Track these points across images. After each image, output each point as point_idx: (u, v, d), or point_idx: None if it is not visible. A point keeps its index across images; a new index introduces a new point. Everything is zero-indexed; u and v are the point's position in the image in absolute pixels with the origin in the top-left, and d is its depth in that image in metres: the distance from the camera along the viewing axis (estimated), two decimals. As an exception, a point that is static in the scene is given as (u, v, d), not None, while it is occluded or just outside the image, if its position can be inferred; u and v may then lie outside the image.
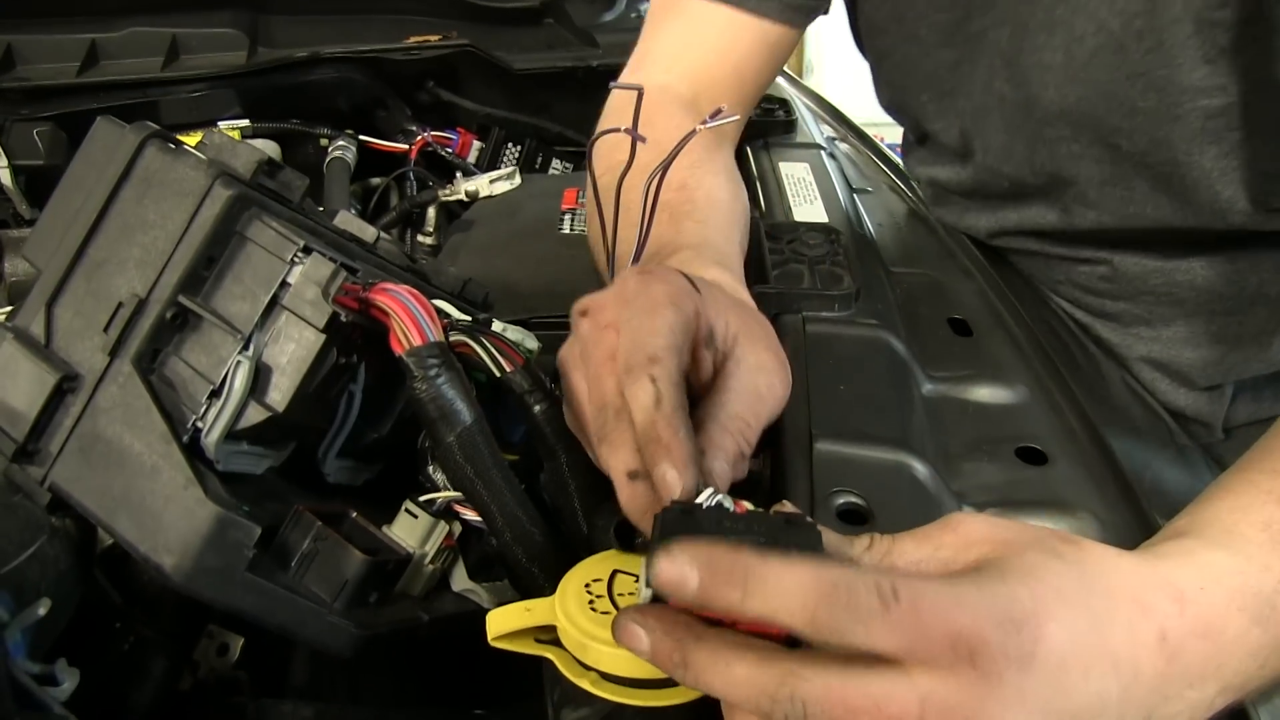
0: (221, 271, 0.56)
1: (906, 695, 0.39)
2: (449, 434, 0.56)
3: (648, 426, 0.51)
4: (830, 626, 0.39)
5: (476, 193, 1.24)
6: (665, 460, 0.49)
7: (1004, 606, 0.40)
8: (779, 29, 0.94)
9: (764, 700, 0.40)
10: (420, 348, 0.55)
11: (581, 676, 0.49)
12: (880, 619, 0.39)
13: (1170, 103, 0.75)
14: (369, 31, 1.47)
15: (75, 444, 0.55)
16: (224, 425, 0.54)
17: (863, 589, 0.39)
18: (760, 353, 0.60)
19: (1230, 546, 0.49)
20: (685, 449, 0.50)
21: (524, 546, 0.57)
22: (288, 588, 0.55)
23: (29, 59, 1.34)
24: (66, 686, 0.49)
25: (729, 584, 0.40)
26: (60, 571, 0.56)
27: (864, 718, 0.39)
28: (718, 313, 0.59)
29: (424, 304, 0.56)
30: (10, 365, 0.56)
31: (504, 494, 0.57)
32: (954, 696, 0.39)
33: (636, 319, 0.54)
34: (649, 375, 0.51)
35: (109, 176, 0.58)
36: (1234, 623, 0.46)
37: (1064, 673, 0.41)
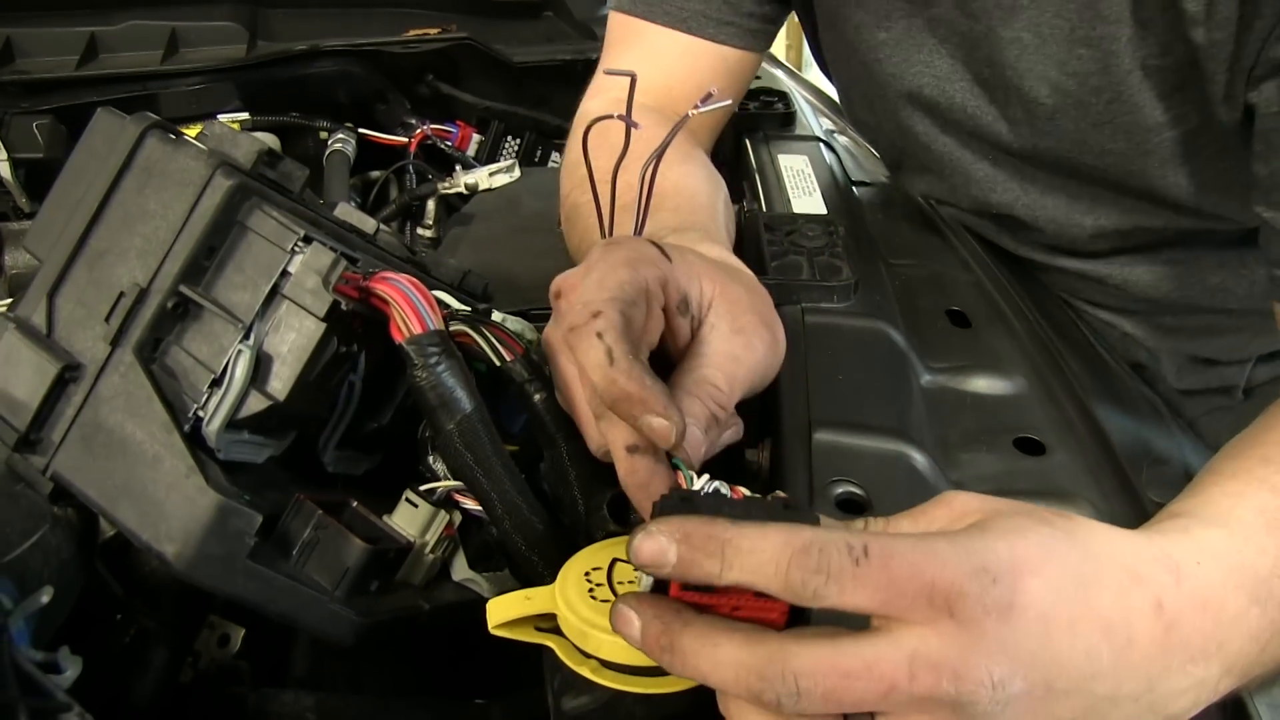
0: (222, 261, 0.56)
1: (894, 655, 0.39)
2: (449, 422, 0.56)
3: (609, 385, 0.49)
4: (804, 585, 0.40)
5: (476, 186, 1.24)
6: (644, 411, 0.49)
7: (979, 558, 0.41)
8: (738, 53, 0.95)
9: (754, 680, 0.40)
10: (421, 336, 0.55)
11: (582, 664, 0.49)
12: (851, 575, 0.39)
13: (1138, 141, 0.76)
14: (368, 25, 1.48)
15: (77, 433, 0.55)
16: (225, 414, 0.54)
17: (834, 548, 0.40)
18: (739, 315, 0.60)
19: (1227, 526, 0.49)
20: (659, 393, 0.49)
21: (524, 535, 0.58)
22: (289, 576, 0.55)
23: (28, 52, 1.34)
24: (69, 674, 0.49)
25: (707, 555, 0.41)
26: (62, 560, 0.56)
27: (858, 684, 0.39)
28: (690, 278, 0.58)
29: (424, 293, 0.56)
30: (12, 355, 0.57)
31: (504, 482, 0.57)
32: (939, 651, 0.39)
33: (585, 279, 0.54)
34: (594, 331, 0.50)
35: (110, 167, 0.58)
36: (1232, 600, 0.46)
37: (1047, 626, 0.41)
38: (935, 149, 0.89)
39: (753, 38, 0.95)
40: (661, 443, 0.49)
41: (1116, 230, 0.87)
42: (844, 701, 0.40)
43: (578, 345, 0.51)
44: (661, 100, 0.94)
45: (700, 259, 0.62)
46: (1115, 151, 0.78)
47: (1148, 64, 0.72)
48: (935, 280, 0.85)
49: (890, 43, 0.85)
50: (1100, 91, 0.74)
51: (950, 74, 0.83)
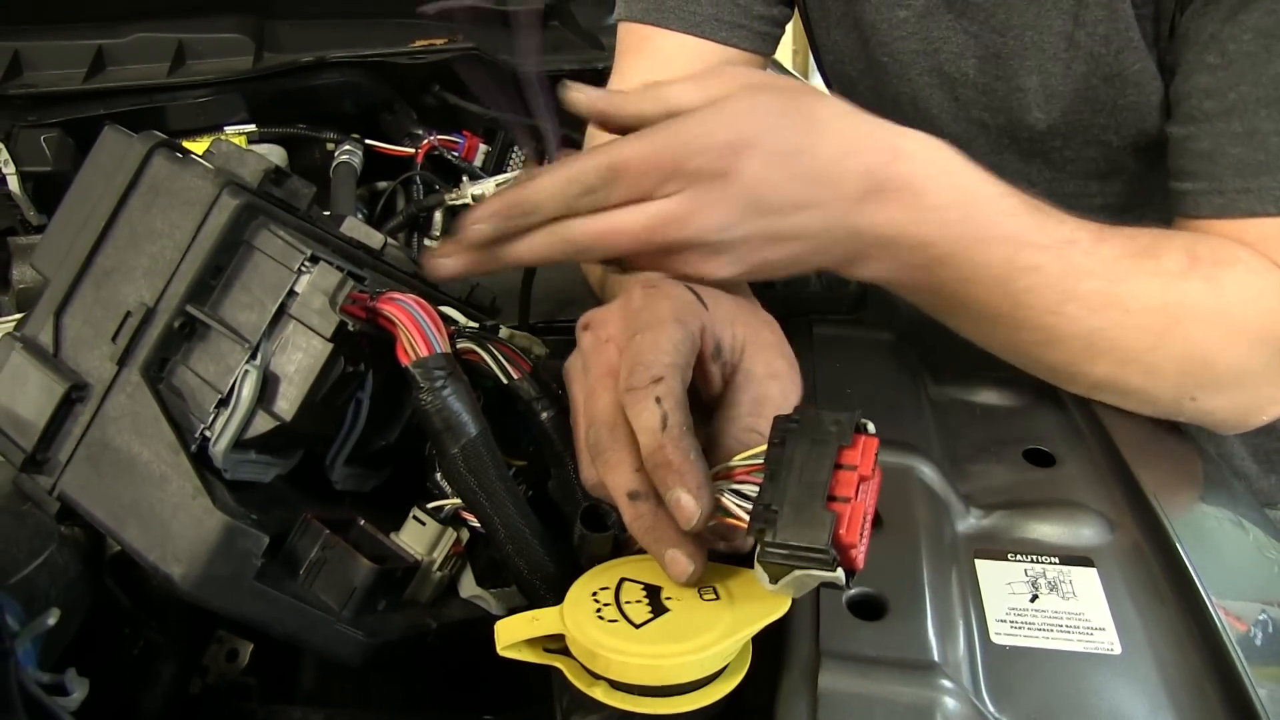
0: (229, 280, 0.56)
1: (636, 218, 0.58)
2: (454, 446, 0.56)
3: (655, 450, 0.50)
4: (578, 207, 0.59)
5: (483, 196, 1.24)
6: (679, 485, 0.49)
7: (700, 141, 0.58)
8: (746, 55, 0.97)
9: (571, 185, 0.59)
10: (426, 359, 0.55)
11: (592, 685, 0.49)
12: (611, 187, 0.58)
13: (1149, 92, 0.78)
14: (374, 35, 1.47)
15: (84, 453, 0.55)
16: (232, 434, 0.54)
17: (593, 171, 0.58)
18: (772, 361, 0.60)
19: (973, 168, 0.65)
20: (698, 472, 0.50)
21: (526, 560, 0.57)
22: (296, 596, 0.55)
23: (36, 65, 1.34)
24: (76, 696, 0.49)
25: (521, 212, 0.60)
26: (70, 580, 0.56)
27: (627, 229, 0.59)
28: (724, 324, 0.59)
29: (431, 314, 0.56)
30: (19, 374, 0.57)
31: (507, 507, 0.57)
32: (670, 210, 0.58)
33: (640, 336, 0.54)
34: (654, 396, 0.51)
35: (117, 186, 0.58)
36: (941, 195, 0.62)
37: (761, 183, 0.58)
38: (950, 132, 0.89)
39: (761, 40, 0.97)
40: (682, 522, 0.49)
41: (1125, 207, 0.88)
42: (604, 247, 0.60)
43: (633, 405, 0.51)
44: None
45: (730, 302, 0.62)
46: (1127, 107, 0.79)
47: (1137, 13, 0.74)
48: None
49: (911, 19, 0.86)
50: (1109, 41, 0.76)
51: (964, 50, 0.84)
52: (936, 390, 0.71)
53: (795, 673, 0.51)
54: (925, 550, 0.58)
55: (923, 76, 0.88)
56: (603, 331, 0.57)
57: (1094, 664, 0.53)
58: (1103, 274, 0.64)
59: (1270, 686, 0.52)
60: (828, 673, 0.50)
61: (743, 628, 0.48)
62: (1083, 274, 0.64)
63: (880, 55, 0.89)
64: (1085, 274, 0.64)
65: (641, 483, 0.51)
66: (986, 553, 0.59)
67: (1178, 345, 0.66)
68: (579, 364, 0.58)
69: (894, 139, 0.62)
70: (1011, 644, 0.54)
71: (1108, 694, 0.52)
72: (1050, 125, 0.83)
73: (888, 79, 0.91)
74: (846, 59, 0.95)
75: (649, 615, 0.49)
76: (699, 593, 0.51)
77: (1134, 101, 0.78)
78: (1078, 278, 0.64)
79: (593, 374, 0.55)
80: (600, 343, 0.56)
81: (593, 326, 0.58)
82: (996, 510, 0.61)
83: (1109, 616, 0.55)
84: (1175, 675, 0.53)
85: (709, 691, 0.48)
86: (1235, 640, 0.54)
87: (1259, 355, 0.68)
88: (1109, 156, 0.83)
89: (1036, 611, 0.56)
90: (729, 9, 0.94)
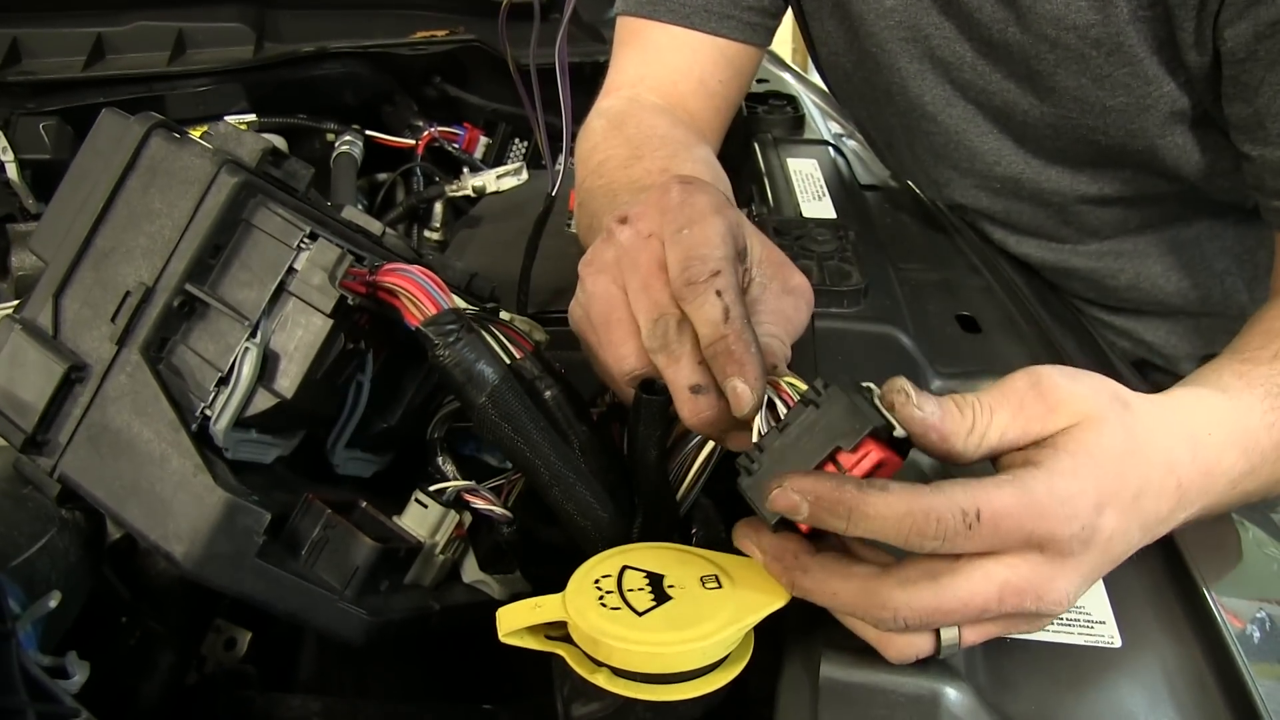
0: (228, 259, 0.56)
1: (987, 588, 0.46)
2: (480, 395, 0.55)
3: (717, 340, 0.51)
4: (921, 546, 0.46)
5: (483, 188, 1.23)
6: (738, 375, 0.51)
7: (1071, 507, 0.47)
8: (737, 46, 0.98)
9: (865, 613, 0.47)
10: (437, 315, 0.55)
11: (594, 673, 0.48)
12: (964, 537, 0.45)
13: (1138, 96, 0.77)
14: (375, 26, 1.48)
15: (84, 434, 0.55)
16: (232, 413, 0.54)
17: (949, 516, 0.45)
18: (789, 276, 0.61)
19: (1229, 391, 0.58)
20: (757, 362, 0.51)
21: (575, 502, 0.56)
22: (298, 575, 0.54)
23: (35, 53, 1.34)
24: (77, 679, 0.49)
25: (834, 516, 0.46)
26: (70, 564, 0.56)
27: (954, 615, 0.47)
28: (750, 231, 0.60)
29: (434, 279, 0.56)
30: (18, 356, 0.56)
31: (544, 448, 0.56)
32: (1025, 578, 0.46)
33: (689, 229, 0.54)
34: (714, 289, 0.52)
35: (115, 166, 0.57)
36: (1227, 458, 0.55)
37: (1111, 543, 0.49)
38: (943, 119, 0.90)
39: (752, 30, 0.97)
40: (736, 409, 0.51)
41: (1120, 197, 0.88)
42: (941, 624, 0.47)
43: (694, 298, 0.53)
44: (669, 97, 0.96)
45: (744, 217, 0.62)
46: (1116, 109, 0.78)
47: (1139, 15, 0.73)
48: (945, 284, 0.84)
49: (898, 8, 0.86)
50: (1100, 44, 0.75)
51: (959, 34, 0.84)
52: (938, 384, 0.70)
53: (797, 662, 0.51)
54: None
55: (913, 64, 0.88)
56: (643, 225, 0.57)
57: (1094, 658, 0.53)
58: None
59: (1267, 683, 0.52)
60: (829, 662, 0.49)
61: (745, 616, 0.48)
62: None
63: (869, 45, 0.89)
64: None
65: (703, 375, 0.53)
66: (988, 544, 0.59)
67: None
68: (611, 255, 0.58)
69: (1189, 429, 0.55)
70: (1012, 636, 0.53)
71: (1108, 687, 0.52)
72: (1040, 116, 0.83)
73: (879, 70, 0.91)
74: (839, 51, 0.95)
75: (651, 603, 0.49)
76: (701, 581, 0.51)
77: (1124, 103, 0.78)
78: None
79: (642, 269, 0.56)
80: (642, 238, 0.56)
81: (631, 220, 0.58)
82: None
83: (1109, 610, 0.55)
84: (1176, 669, 0.53)
85: (711, 679, 0.48)
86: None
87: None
88: (1100, 153, 0.83)
89: (1038, 604, 0.55)
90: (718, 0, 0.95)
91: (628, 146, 0.84)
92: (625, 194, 0.77)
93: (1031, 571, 0.46)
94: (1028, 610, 0.47)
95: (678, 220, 0.55)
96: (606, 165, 0.83)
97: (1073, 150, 0.85)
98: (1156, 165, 0.82)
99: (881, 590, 0.47)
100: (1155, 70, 0.76)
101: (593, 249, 0.60)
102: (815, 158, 1.08)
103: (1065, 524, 0.46)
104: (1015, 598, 0.46)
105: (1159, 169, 0.83)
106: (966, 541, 0.45)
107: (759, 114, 1.16)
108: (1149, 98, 0.77)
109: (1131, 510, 0.49)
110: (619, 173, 0.81)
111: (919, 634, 0.48)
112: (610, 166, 0.83)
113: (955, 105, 0.88)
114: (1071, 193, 0.89)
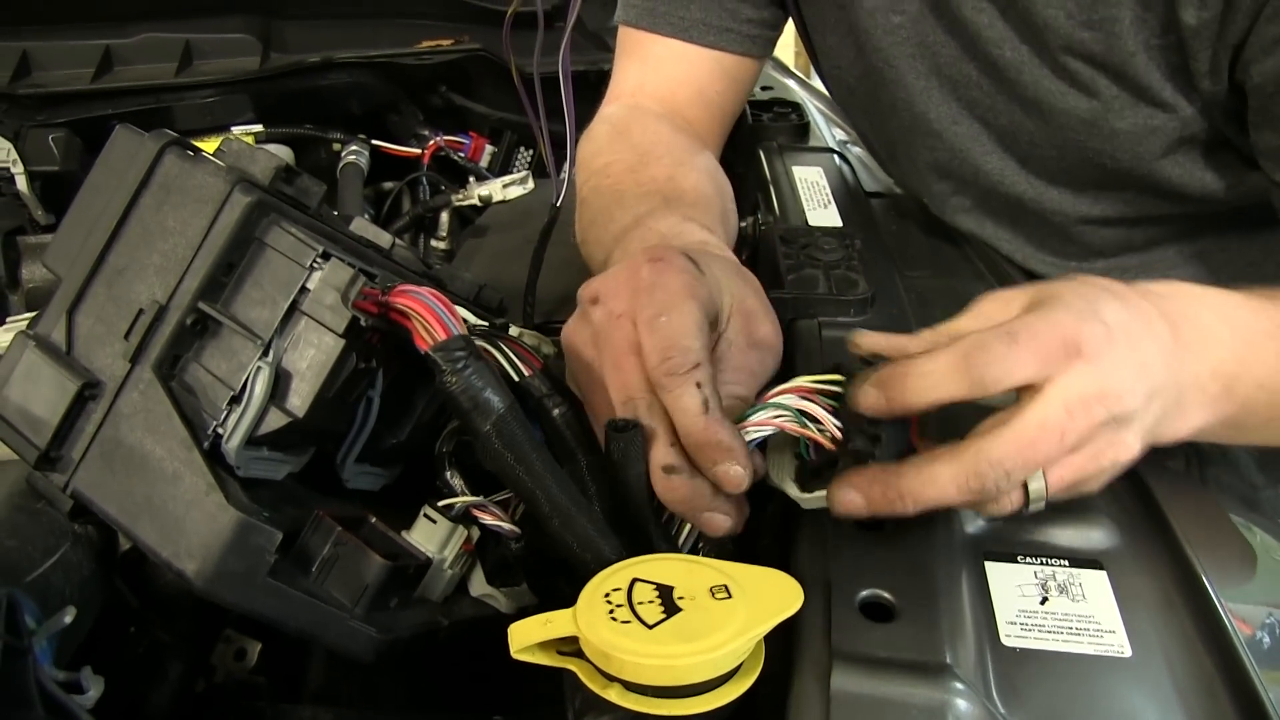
0: (241, 277, 0.56)
1: (1054, 409, 0.51)
2: (485, 423, 0.55)
3: (699, 431, 0.54)
4: (982, 384, 0.51)
5: (490, 197, 1.24)
6: (729, 460, 0.53)
7: (1076, 310, 0.53)
8: (736, 58, 0.99)
9: (973, 481, 0.51)
10: (447, 341, 0.55)
11: (606, 688, 0.49)
12: (1014, 357, 0.50)
13: (1145, 118, 0.77)
14: (381, 36, 1.48)
15: (97, 450, 0.55)
16: (244, 431, 0.54)
17: (991, 344, 0.51)
18: (756, 329, 0.63)
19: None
20: (743, 444, 0.54)
21: (574, 534, 0.56)
22: (308, 592, 0.55)
23: (44, 65, 1.35)
24: (92, 694, 0.49)
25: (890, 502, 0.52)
26: (83, 578, 0.56)
27: (1042, 445, 0.51)
28: (720, 290, 0.61)
29: (445, 302, 0.56)
30: (32, 373, 0.57)
31: (547, 479, 0.56)
32: (1084, 386, 0.51)
33: (666, 317, 0.56)
34: (694, 381, 0.54)
35: (129, 184, 0.58)
36: (1214, 331, 0.60)
37: (1129, 335, 0.54)
38: (947, 136, 0.90)
39: (750, 43, 0.98)
40: (731, 488, 0.54)
41: (1121, 218, 0.88)
42: (1037, 463, 0.51)
43: (673, 389, 0.54)
44: (667, 106, 0.98)
45: (720, 267, 0.63)
46: (1123, 132, 0.78)
47: (1150, 44, 0.73)
48: (951, 292, 0.84)
49: (905, 25, 0.86)
50: (1107, 69, 0.76)
51: (963, 53, 0.84)
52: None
53: (808, 674, 0.51)
54: (935, 552, 0.58)
55: (919, 80, 0.88)
56: (614, 305, 0.58)
57: (1104, 667, 0.53)
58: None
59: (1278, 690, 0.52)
60: (840, 674, 0.50)
61: (756, 625, 0.48)
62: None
63: (875, 60, 0.89)
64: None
65: (677, 457, 0.55)
66: (996, 555, 0.59)
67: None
68: (587, 335, 0.60)
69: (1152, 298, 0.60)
70: (1022, 646, 0.53)
71: (1118, 697, 0.52)
72: (1046, 137, 0.83)
73: (884, 85, 0.90)
74: (843, 65, 0.95)
75: (662, 615, 0.49)
76: (711, 592, 0.51)
77: (1130, 127, 0.78)
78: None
79: (615, 350, 0.57)
80: (614, 317, 0.58)
81: (603, 299, 0.59)
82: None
83: (1119, 619, 0.55)
84: (1186, 678, 0.53)
85: (723, 692, 0.48)
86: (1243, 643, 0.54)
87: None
88: (1105, 175, 0.83)
89: (1046, 614, 0.56)
90: (716, 13, 0.96)
91: (634, 152, 0.86)
92: (632, 198, 0.80)
93: (1085, 378, 0.51)
94: (1103, 418, 0.51)
95: (652, 305, 0.56)
96: (612, 168, 0.85)
97: (1077, 171, 0.85)
98: (1162, 187, 0.82)
99: (971, 449, 0.51)
100: (1166, 96, 0.76)
101: (571, 322, 0.63)
102: (820, 165, 1.07)
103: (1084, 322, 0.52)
104: (1083, 409, 0.51)
105: (1164, 191, 0.83)
106: (1019, 359, 0.50)
107: (764, 121, 1.16)
108: (1156, 122, 0.77)
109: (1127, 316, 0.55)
110: (626, 176, 0.83)
111: (1005, 495, 0.52)
112: (616, 170, 0.85)
113: (961, 123, 0.88)
114: (1074, 213, 0.88)
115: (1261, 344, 0.62)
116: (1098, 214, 0.88)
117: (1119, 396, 0.52)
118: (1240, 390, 0.61)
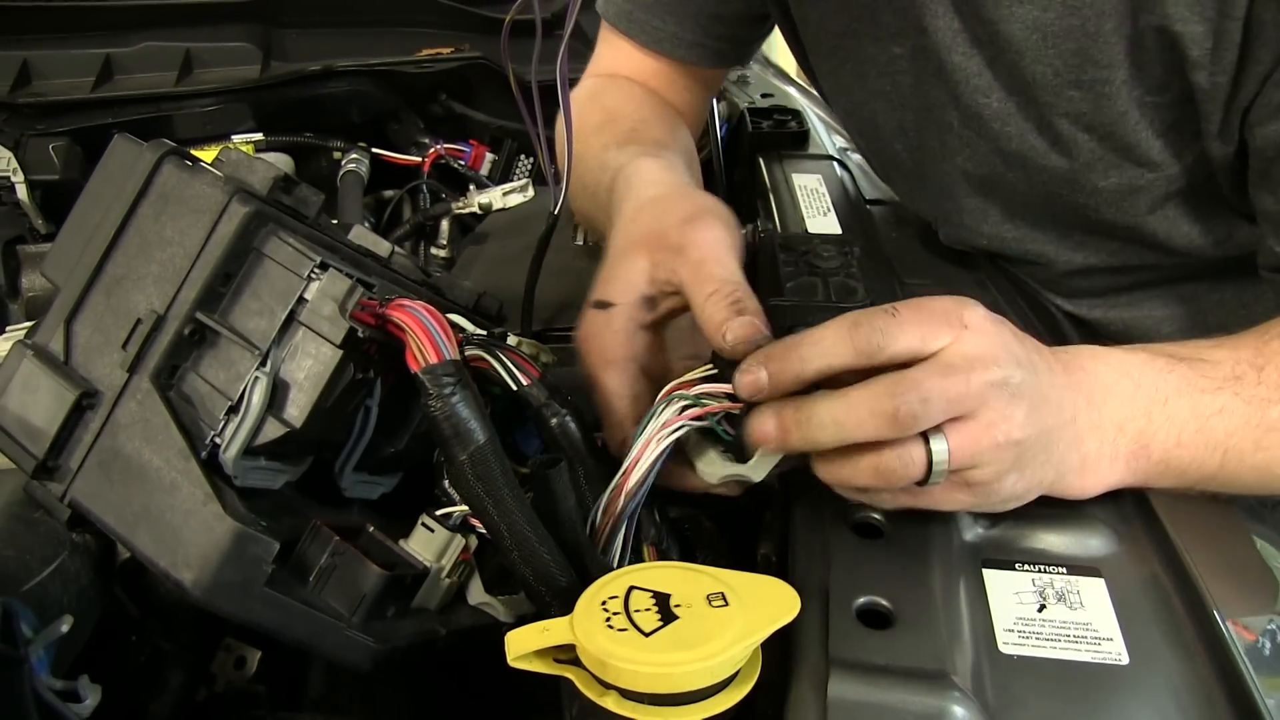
0: (239, 288, 0.57)
1: (955, 359, 0.54)
2: (461, 453, 0.56)
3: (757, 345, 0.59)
4: (867, 349, 0.54)
5: (490, 205, 1.24)
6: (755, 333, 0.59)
7: (951, 299, 0.57)
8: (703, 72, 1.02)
9: (887, 401, 0.53)
10: (436, 366, 0.55)
11: (603, 696, 0.49)
12: (897, 324, 0.54)
13: (1130, 177, 0.77)
14: (381, 44, 1.48)
15: (95, 460, 0.55)
16: (242, 441, 0.54)
17: (875, 315, 0.55)
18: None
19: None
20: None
21: (532, 568, 0.57)
22: (306, 602, 0.55)
23: (44, 74, 1.35)
24: (89, 703, 0.49)
25: (787, 362, 0.55)
26: (81, 587, 0.56)
27: (951, 384, 0.53)
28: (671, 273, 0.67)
29: (440, 321, 0.56)
30: (30, 382, 0.57)
31: (514, 514, 0.57)
32: (975, 348, 0.54)
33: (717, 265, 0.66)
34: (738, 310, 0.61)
35: (127, 193, 0.58)
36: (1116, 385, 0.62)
37: (1020, 342, 0.58)
38: (931, 177, 0.89)
39: (721, 57, 1.00)
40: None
41: (1107, 267, 0.87)
42: (948, 398, 0.53)
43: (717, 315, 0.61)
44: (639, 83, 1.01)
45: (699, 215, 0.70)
46: (1107, 189, 0.78)
47: (1144, 101, 0.73)
48: (950, 299, 0.84)
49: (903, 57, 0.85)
50: (1093, 129, 0.75)
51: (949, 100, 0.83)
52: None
53: (805, 681, 0.51)
54: (933, 560, 0.58)
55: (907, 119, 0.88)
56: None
57: (1102, 674, 0.53)
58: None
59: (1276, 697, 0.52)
60: (837, 681, 0.50)
61: (753, 633, 0.48)
62: (1266, 403, 0.63)
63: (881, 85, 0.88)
64: (1267, 402, 0.63)
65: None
66: (994, 562, 0.59)
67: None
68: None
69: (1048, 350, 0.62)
70: (1019, 654, 0.54)
71: (1115, 704, 0.52)
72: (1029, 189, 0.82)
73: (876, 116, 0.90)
74: (839, 91, 0.95)
75: (659, 623, 0.49)
76: (708, 600, 0.51)
77: (1116, 184, 0.77)
78: (1263, 408, 0.63)
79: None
80: (718, 283, 0.64)
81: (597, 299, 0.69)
82: (1004, 520, 0.61)
83: (1117, 627, 0.55)
84: (1183, 685, 0.53)
85: (720, 700, 0.48)
86: (1243, 650, 0.54)
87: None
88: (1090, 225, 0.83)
89: (1044, 621, 0.56)
90: (691, 28, 0.97)
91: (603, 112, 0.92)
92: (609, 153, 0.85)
93: (975, 342, 0.55)
94: (995, 376, 0.54)
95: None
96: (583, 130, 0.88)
97: (1062, 218, 0.84)
98: (1147, 239, 0.82)
99: (885, 377, 0.54)
100: (1154, 155, 0.75)
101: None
102: (820, 172, 1.08)
103: (959, 304, 0.56)
104: (979, 366, 0.54)
105: (1149, 243, 0.82)
106: (900, 329, 0.54)
107: (763, 129, 1.16)
108: (1140, 180, 0.77)
109: (1025, 339, 0.59)
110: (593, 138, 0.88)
111: (912, 444, 0.54)
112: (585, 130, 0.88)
113: (944, 163, 0.87)
114: (1058, 259, 0.88)
115: (1173, 402, 0.62)
116: (1080, 262, 0.87)
117: (1008, 361, 0.55)
118: (1156, 450, 0.62)
